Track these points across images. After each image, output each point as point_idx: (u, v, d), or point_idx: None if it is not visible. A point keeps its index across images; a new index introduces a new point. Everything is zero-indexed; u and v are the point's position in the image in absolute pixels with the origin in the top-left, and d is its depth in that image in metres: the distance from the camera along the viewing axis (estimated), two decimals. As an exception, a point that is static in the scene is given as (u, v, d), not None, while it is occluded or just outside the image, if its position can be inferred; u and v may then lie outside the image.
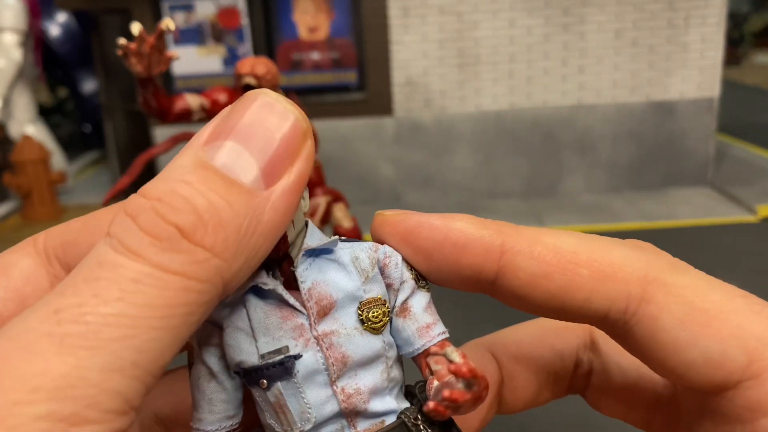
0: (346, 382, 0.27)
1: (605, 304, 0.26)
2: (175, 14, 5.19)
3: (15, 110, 6.08)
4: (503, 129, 5.49)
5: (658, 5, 5.24)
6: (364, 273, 0.27)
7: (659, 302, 0.25)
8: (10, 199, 6.21)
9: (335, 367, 0.26)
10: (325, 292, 0.27)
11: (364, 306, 0.27)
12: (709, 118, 5.51)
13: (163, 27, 2.30)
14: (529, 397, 0.34)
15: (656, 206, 5.24)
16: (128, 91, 5.57)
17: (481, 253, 0.27)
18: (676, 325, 0.25)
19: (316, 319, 0.26)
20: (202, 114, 2.73)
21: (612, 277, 0.26)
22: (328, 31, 5.32)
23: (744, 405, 0.24)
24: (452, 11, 5.22)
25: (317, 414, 0.26)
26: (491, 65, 5.34)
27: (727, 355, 0.24)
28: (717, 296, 0.25)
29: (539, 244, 0.27)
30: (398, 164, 5.53)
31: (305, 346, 0.26)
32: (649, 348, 0.26)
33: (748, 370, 0.24)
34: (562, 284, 0.26)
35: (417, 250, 0.28)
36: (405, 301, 0.28)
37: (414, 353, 0.28)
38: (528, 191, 5.63)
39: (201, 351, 0.27)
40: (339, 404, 0.26)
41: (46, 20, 6.73)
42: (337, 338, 0.26)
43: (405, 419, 0.27)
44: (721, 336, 0.24)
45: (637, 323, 0.25)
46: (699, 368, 0.25)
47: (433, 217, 0.28)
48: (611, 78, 5.39)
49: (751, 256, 4.27)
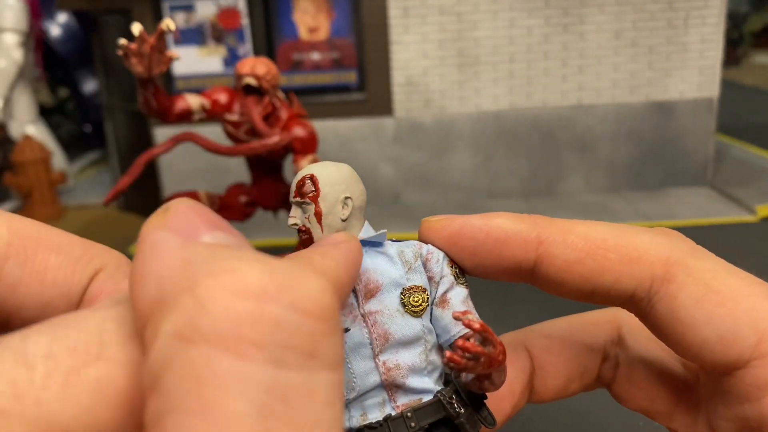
0: (388, 356, 0.30)
1: (632, 284, 0.29)
2: (176, 14, 5.19)
3: (15, 110, 6.09)
4: (503, 129, 5.49)
5: (658, 5, 5.24)
6: (407, 264, 0.31)
7: (679, 282, 0.28)
8: (10, 199, 6.21)
9: (378, 342, 0.29)
10: (373, 277, 0.30)
11: (407, 292, 0.31)
12: (708, 118, 5.51)
13: (163, 27, 2.31)
14: (558, 388, 0.36)
15: (656, 206, 5.24)
16: (129, 91, 5.58)
17: (520, 245, 0.31)
18: (693, 304, 0.27)
19: (363, 300, 0.30)
20: (203, 114, 2.74)
21: (637, 260, 0.29)
22: (328, 31, 5.33)
23: (752, 383, 0.26)
24: (452, 11, 5.22)
25: (361, 383, 0.29)
26: (491, 65, 5.34)
27: (739, 334, 0.26)
28: (734, 281, 0.28)
29: (571, 233, 0.30)
30: (398, 164, 5.54)
31: (353, 322, 0.29)
32: (669, 325, 0.28)
33: (757, 349, 0.26)
34: (593, 268, 0.29)
35: (463, 250, 0.31)
36: (444, 293, 0.32)
37: (451, 340, 0.32)
38: (528, 191, 5.63)
39: None
40: (380, 376, 0.29)
41: (46, 20, 6.74)
42: (380, 317, 0.30)
43: (441, 397, 0.30)
44: (734, 316, 0.26)
45: (659, 301, 0.28)
46: (712, 345, 0.26)
47: (473, 218, 0.32)
48: (611, 78, 5.40)
49: (750, 256, 4.27)
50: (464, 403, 0.31)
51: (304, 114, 2.90)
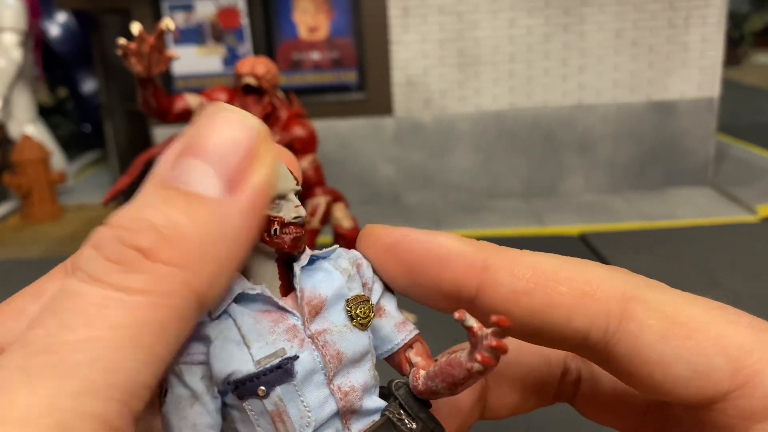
0: (341, 380, 0.27)
1: (585, 322, 0.26)
2: (175, 14, 5.19)
3: (15, 110, 6.08)
4: (503, 129, 5.49)
5: (658, 5, 5.24)
6: (345, 272, 0.28)
7: (639, 319, 0.25)
8: (9, 199, 6.21)
9: (332, 364, 0.26)
10: (316, 292, 0.27)
11: (351, 302, 0.28)
12: (709, 118, 5.51)
13: (162, 27, 2.30)
14: (514, 403, 0.34)
15: (656, 206, 5.24)
16: (128, 91, 5.57)
17: (462, 267, 0.28)
18: (659, 340, 0.25)
19: (309, 319, 0.26)
20: (202, 114, 2.73)
21: (591, 295, 0.26)
22: (328, 30, 5.32)
23: (737, 415, 0.24)
24: (452, 11, 5.22)
25: (316, 417, 0.26)
26: (491, 65, 5.34)
27: (713, 366, 0.24)
28: (695, 310, 0.26)
29: (520, 262, 0.28)
30: (398, 164, 5.53)
31: (301, 347, 0.26)
32: (634, 366, 0.26)
33: (735, 379, 0.24)
34: (542, 301, 0.27)
35: (400, 263, 0.29)
36: (378, 301, 0.29)
37: (394, 349, 0.29)
38: (528, 191, 5.63)
39: (182, 373, 0.26)
40: (337, 403, 0.26)
41: (46, 20, 6.73)
42: (330, 336, 0.27)
43: (390, 415, 0.28)
44: (704, 347, 0.25)
45: (618, 342, 0.26)
46: (686, 382, 0.25)
47: (417, 232, 0.29)
48: (611, 78, 5.39)
49: (751, 256, 4.27)
50: (412, 417, 0.28)
51: (304, 114, 2.89)
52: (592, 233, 4.76)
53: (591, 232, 4.78)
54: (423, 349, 0.30)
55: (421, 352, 0.30)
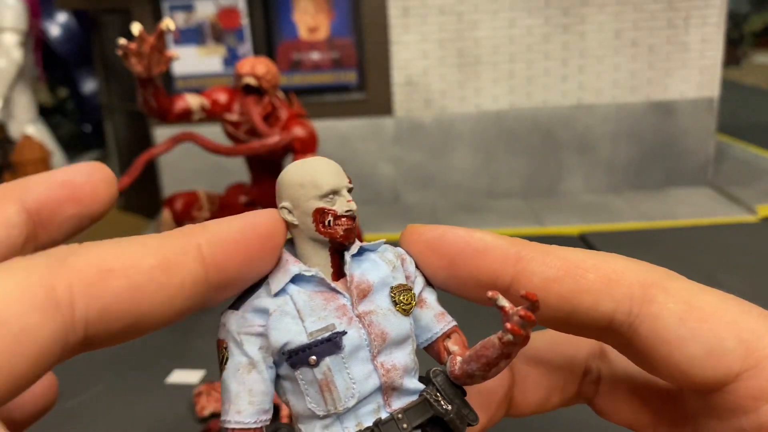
0: (384, 358, 0.30)
1: (611, 305, 0.29)
2: (175, 14, 5.19)
3: (15, 110, 6.08)
4: (503, 129, 5.49)
5: (658, 5, 5.24)
6: (390, 264, 0.31)
7: (660, 302, 0.28)
8: (10, 199, 6.21)
9: (376, 342, 0.29)
10: (363, 278, 0.30)
11: (395, 290, 0.31)
12: (709, 118, 5.51)
13: (163, 27, 2.30)
14: (538, 400, 0.35)
15: (656, 206, 5.24)
16: (128, 91, 5.58)
17: (499, 258, 0.31)
18: (676, 322, 0.27)
19: (357, 301, 0.30)
20: (202, 114, 2.73)
21: (616, 281, 0.29)
22: (328, 31, 5.32)
23: (747, 395, 0.26)
24: (452, 11, 5.22)
25: (360, 389, 0.29)
26: (491, 65, 5.34)
27: (726, 347, 0.26)
28: (711, 298, 0.28)
29: (551, 253, 0.30)
30: (398, 164, 5.54)
31: (349, 324, 0.29)
32: (654, 347, 0.28)
33: (746, 361, 0.26)
34: (572, 287, 0.29)
35: (441, 256, 0.31)
36: (420, 293, 0.32)
37: (433, 338, 0.32)
38: (528, 191, 5.63)
39: (243, 342, 0.29)
40: (379, 378, 0.29)
41: (46, 20, 6.73)
42: (375, 317, 0.30)
43: (427, 396, 0.30)
44: (718, 330, 0.27)
45: (641, 324, 0.28)
46: (702, 361, 0.27)
47: (456, 228, 0.32)
48: (611, 78, 5.40)
49: (751, 256, 4.27)
50: (448, 400, 0.31)
51: (304, 114, 2.89)
52: (592, 233, 4.76)
53: (591, 232, 4.78)
54: (460, 339, 0.33)
55: (459, 342, 0.32)
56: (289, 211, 0.30)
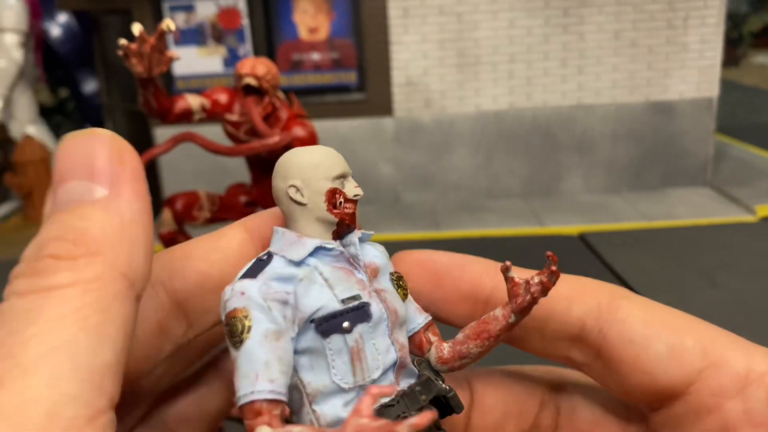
0: (398, 334, 0.31)
1: (582, 309, 0.32)
2: (176, 15, 5.20)
3: (16, 110, 6.09)
4: (503, 129, 5.50)
5: (657, 6, 5.25)
6: (383, 253, 0.33)
7: (625, 308, 0.31)
8: (11, 199, 6.22)
9: (392, 317, 0.30)
10: (371, 260, 0.32)
11: (394, 275, 0.32)
12: (708, 118, 5.52)
13: (163, 27, 2.31)
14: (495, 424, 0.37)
15: (655, 206, 5.25)
16: (129, 91, 5.59)
17: (480, 270, 0.34)
18: (641, 325, 0.30)
19: (370, 279, 0.31)
20: (203, 114, 2.74)
21: (585, 291, 0.32)
22: (328, 31, 5.33)
23: (710, 393, 0.28)
24: (452, 11, 5.23)
25: (384, 361, 0.30)
26: (491, 65, 5.35)
27: (686, 346, 0.29)
28: (667, 309, 0.32)
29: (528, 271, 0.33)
30: (398, 164, 5.54)
31: (369, 297, 0.30)
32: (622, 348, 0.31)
33: (705, 359, 0.29)
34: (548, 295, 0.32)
35: (428, 271, 0.35)
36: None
37: (416, 328, 0.33)
38: (527, 191, 5.64)
39: (270, 309, 0.28)
40: (396, 353, 0.30)
41: (46, 20, 6.74)
42: (387, 294, 0.31)
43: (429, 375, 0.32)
44: (677, 331, 0.30)
45: (609, 328, 0.31)
46: (665, 361, 0.29)
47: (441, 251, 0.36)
48: (610, 78, 5.40)
49: (750, 256, 4.28)
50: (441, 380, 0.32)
51: (304, 114, 2.90)
52: (592, 233, 4.77)
53: (590, 232, 4.79)
54: (437, 332, 0.34)
55: (437, 333, 0.34)
56: (297, 189, 0.31)
